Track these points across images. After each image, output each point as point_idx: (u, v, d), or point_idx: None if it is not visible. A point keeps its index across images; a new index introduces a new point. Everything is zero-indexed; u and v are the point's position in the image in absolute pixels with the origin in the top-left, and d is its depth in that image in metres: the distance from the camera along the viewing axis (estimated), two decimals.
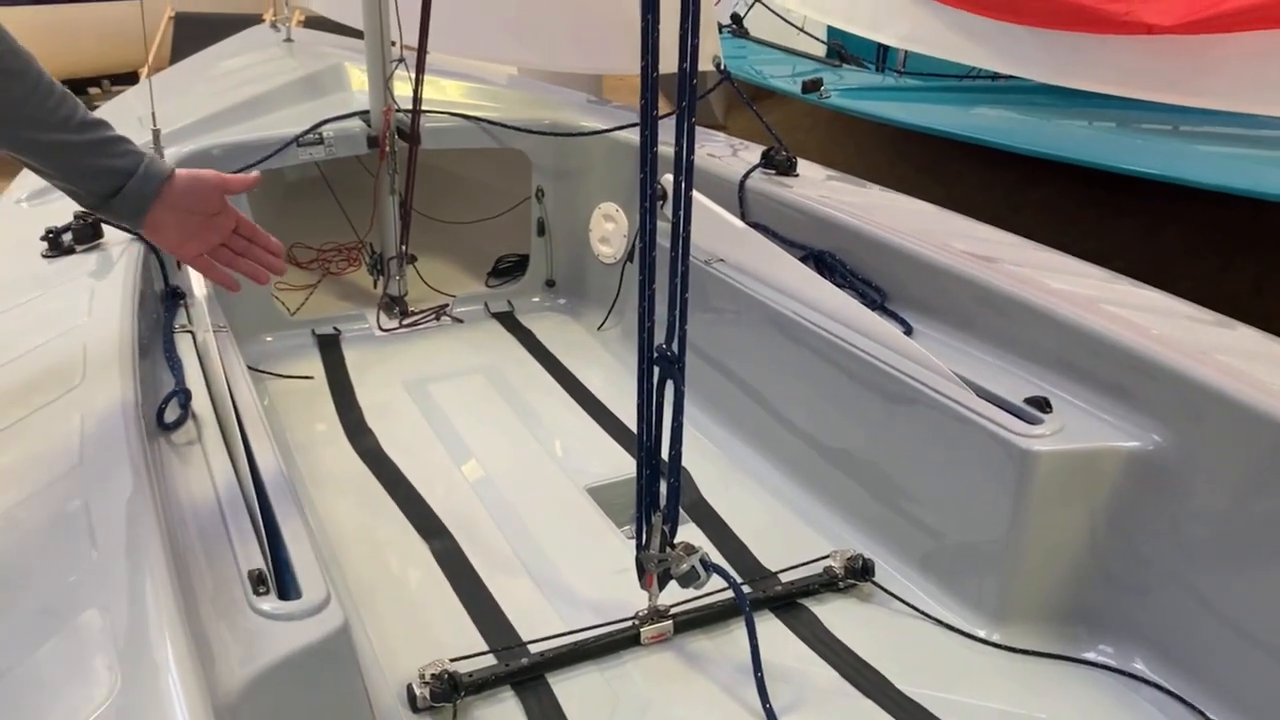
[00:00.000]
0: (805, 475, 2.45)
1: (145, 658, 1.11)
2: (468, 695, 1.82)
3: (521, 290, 3.58)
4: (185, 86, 3.77)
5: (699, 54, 1.72)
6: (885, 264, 2.50)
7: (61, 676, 1.09)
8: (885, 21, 4.06)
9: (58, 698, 1.06)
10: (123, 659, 1.11)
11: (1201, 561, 1.81)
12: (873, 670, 1.92)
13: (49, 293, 2.07)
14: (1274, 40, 2.84)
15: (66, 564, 1.26)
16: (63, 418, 1.59)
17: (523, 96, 3.75)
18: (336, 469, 2.59)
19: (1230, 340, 1.98)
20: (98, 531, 1.32)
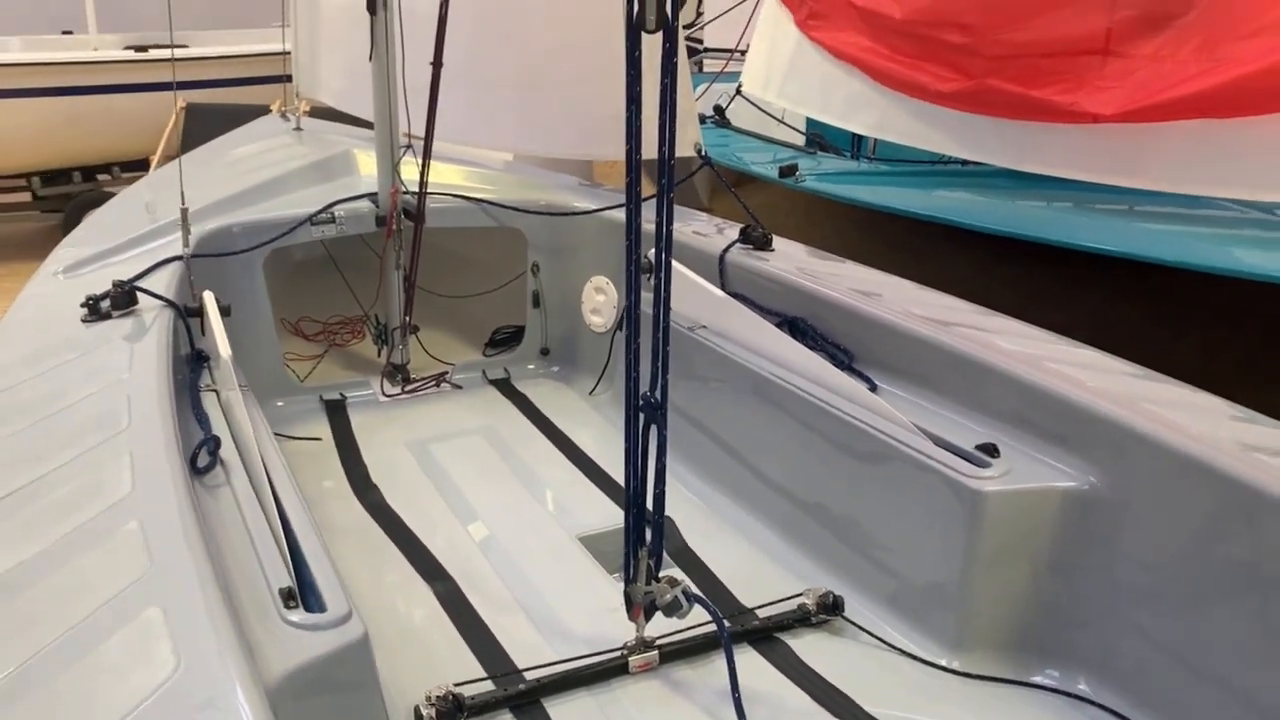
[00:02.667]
0: (780, 521, 2.64)
1: (201, 645, 1.30)
2: (470, 717, 1.99)
3: (518, 358, 3.81)
4: (203, 172, 4.03)
5: (677, 141, 1.97)
6: (852, 328, 2.73)
7: (130, 660, 1.28)
8: (855, 111, 4.36)
9: (128, 676, 1.25)
10: (181, 647, 1.29)
11: (1134, 590, 2.00)
12: (842, 695, 2.10)
13: (92, 352, 2.29)
14: (1201, 128, 3.12)
15: (126, 573, 1.45)
16: (114, 456, 1.79)
17: (518, 180, 4.02)
18: (344, 521, 2.77)
19: (1157, 391, 2.20)
20: (151, 547, 1.51)
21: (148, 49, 7.66)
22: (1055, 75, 3.45)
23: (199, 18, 8.28)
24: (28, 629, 1.34)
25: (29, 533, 1.57)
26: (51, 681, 1.25)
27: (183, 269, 2.84)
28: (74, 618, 1.35)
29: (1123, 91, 3.28)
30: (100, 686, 1.24)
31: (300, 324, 4.04)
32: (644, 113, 1.87)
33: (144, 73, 7.38)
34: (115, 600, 1.38)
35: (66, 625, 1.34)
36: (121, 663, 1.27)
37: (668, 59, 1.83)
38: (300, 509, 1.89)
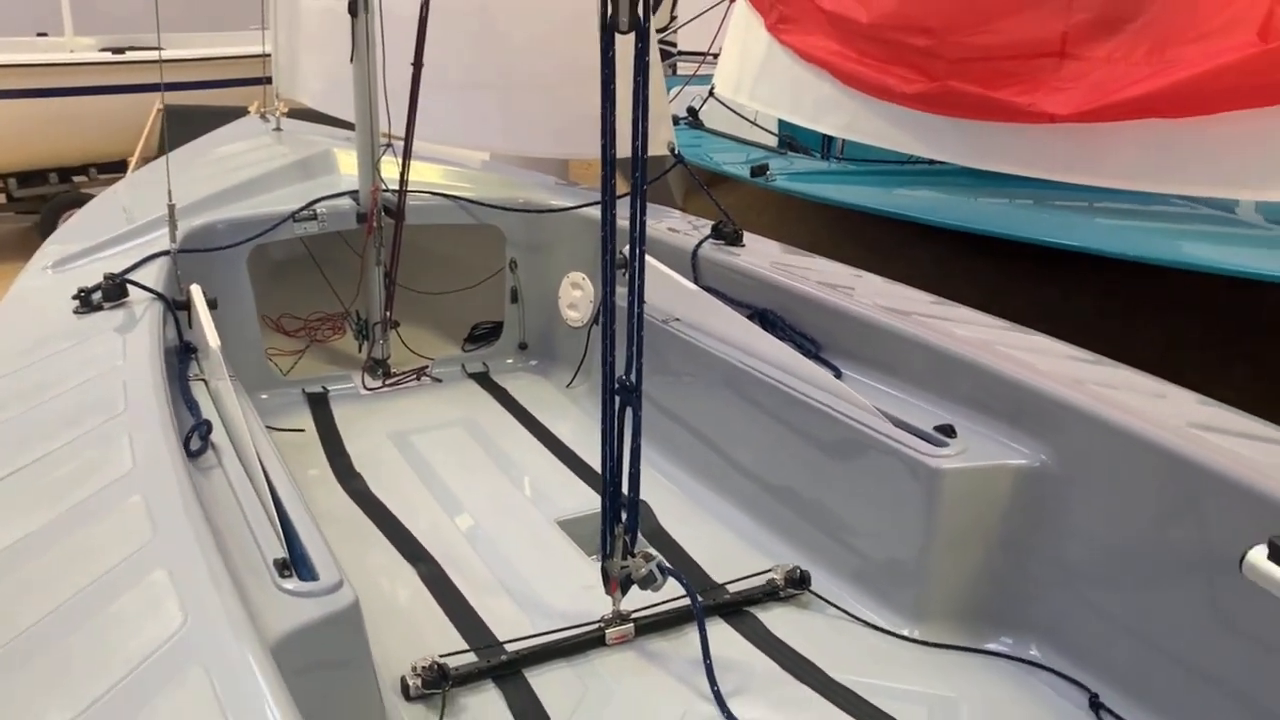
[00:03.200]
0: (751, 503, 2.75)
1: (206, 603, 1.39)
2: (454, 686, 2.08)
3: (496, 353, 3.90)
4: (186, 171, 4.09)
5: (651, 141, 2.08)
6: (819, 319, 2.84)
7: (140, 616, 1.37)
8: (825, 113, 4.48)
9: (141, 629, 1.34)
10: (188, 604, 1.38)
11: (1082, 561, 2.13)
12: (809, 663, 2.21)
13: (85, 341, 2.37)
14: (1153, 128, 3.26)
15: (132, 540, 1.54)
16: (113, 436, 1.87)
17: (496, 178, 4.12)
18: (329, 507, 2.85)
19: (1104, 374, 2.33)
20: (154, 517, 1.60)
21: (124, 50, 7.69)
22: (1014, 77, 3.59)
23: (172, 19, 8.29)
24: (42, 591, 1.43)
25: (36, 506, 1.65)
26: (68, 636, 1.34)
27: (170, 264, 2.92)
28: (85, 580, 1.44)
29: (1078, 92, 3.42)
30: (113, 640, 1.32)
31: (281, 320, 4.11)
32: (617, 111, 1.97)
33: (121, 74, 7.41)
34: (123, 564, 1.47)
35: (78, 586, 1.43)
36: (132, 619, 1.36)
37: (640, 59, 1.94)
38: (290, 487, 1.98)
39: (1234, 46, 3.00)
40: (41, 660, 1.30)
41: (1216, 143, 3.18)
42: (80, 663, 1.29)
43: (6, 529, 1.59)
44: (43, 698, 1.24)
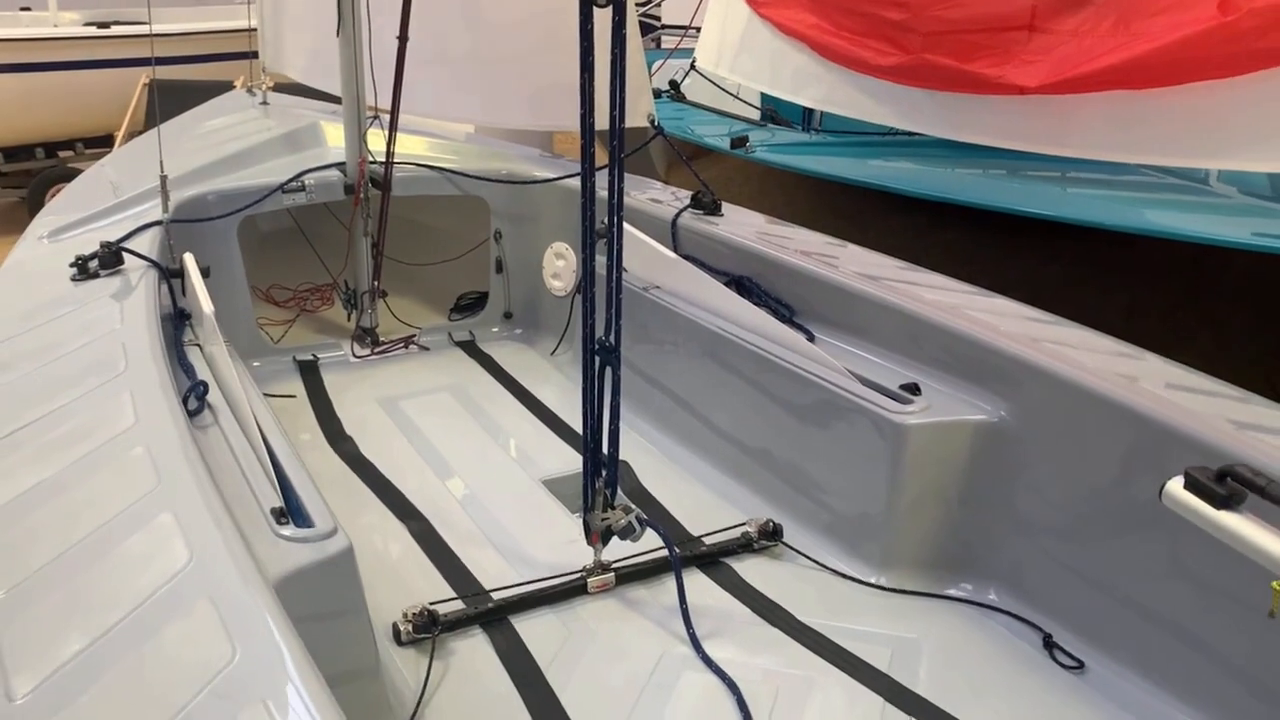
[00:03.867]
0: (727, 461, 2.86)
1: (210, 543, 1.49)
2: (444, 632, 2.19)
3: (482, 322, 3.99)
4: (175, 144, 4.16)
5: (631, 112, 2.15)
6: (793, 285, 2.95)
7: (147, 556, 1.47)
8: (803, 86, 4.57)
9: (148, 567, 1.44)
10: (193, 543, 1.48)
11: (1037, 511, 2.24)
12: (779, 608, 2.33)
13: (84, 307, 2.45)
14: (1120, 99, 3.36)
15: (138, 488, 1.64)
16: (114, 394, 1.96)
17: (481, 150, 4.20)
18: (320, 469, 2.95)
19: (1062, 334, 2.44)
20: (158, 466, 1.70)
21: (109, 25, 7.70)
22: (985, 50, 3.68)
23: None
24: (53, 535, 1.52)
25: (44, 458, 1.75)
26: (79, 574, 1.43)
27: (163, 233, 3.00)
28: (94, 524, 1.54)
29: (1046, 65, 3.52)
30: (123, 576, 1.42)
31: (271, 291, 4.20)
32: (597, 83, 2.06)
33: (106, 49, 7.42)
34: (130, 509, 1.57)
35: (87, 530, 1.53)
36: (140, 558, 1.46)
37: (617, 32, 2.03)
38: (284, 443, 2.08)
39: (1196, 19, 3.10)
40: (55, 596, 1.40)
41: (1179, 113, 3.28)
42: (92, 597, 1.39)
43: (16, 479, 1.68)
44: (58, 629, 1.34)
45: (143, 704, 1.17)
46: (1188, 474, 1.26)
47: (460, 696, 2.03)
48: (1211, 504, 1.22)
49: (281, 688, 1.20)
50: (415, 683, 2.04)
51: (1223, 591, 1.86)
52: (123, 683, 1.21)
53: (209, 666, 1.22)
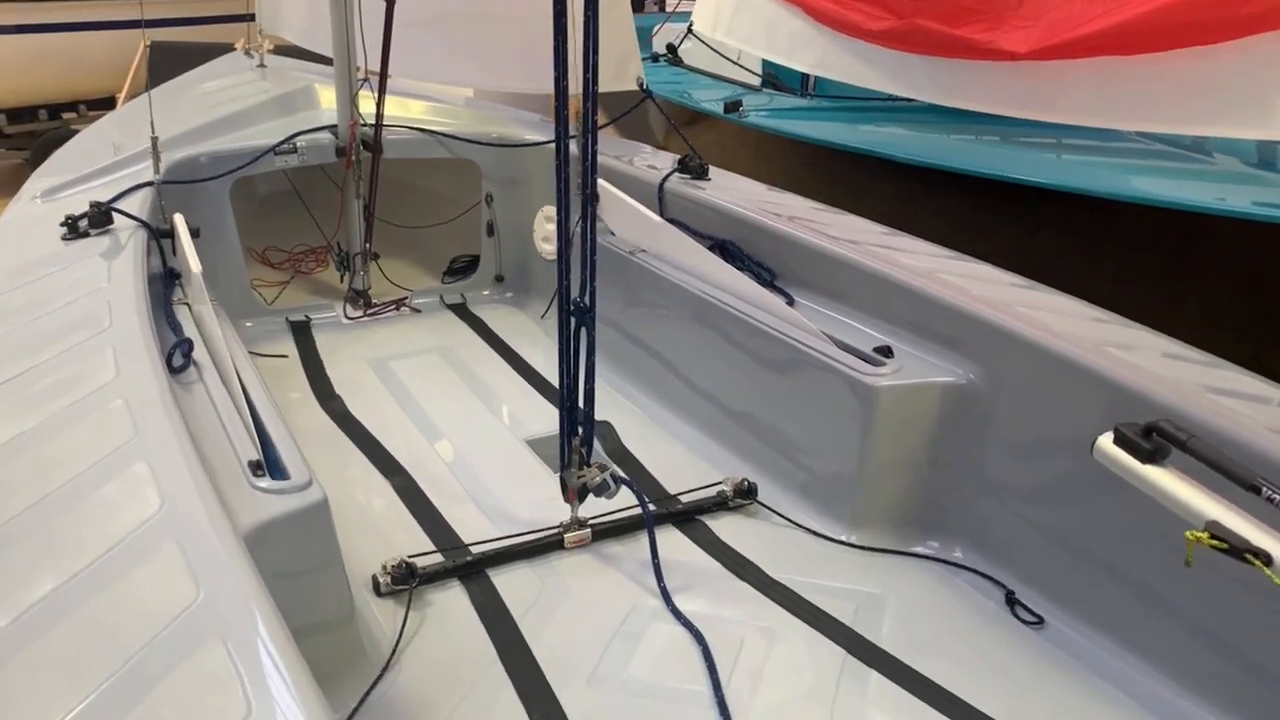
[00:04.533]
0: (707, 422, 2.91)
1: (183, 491, 1.54)
2: (422, 584, 2.25)
3: (473, 285, 4.03)
4: (170, 106, 4.19)
5: (620, 75, 2.15)
6: (775, 249, 2.98)
7: (121, 502, 1.52)
8: (798, 50, 4.57)
9: (120, 513, 1.49)
10: (165, 491, 1.54)
11: (1002, 471, 2.29)
12: (751, 564, 2.38)
13: (72, 265, 2.50)
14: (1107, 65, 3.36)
15: (115, 438, 1.69)
16: (97, 350, 2.01)
17: (474, 114, 4.22)
18: (309, 426, 3.01)
19: (1035, 299, 2.47)
20: (136, 419, 1.75)
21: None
22: (976, 15, 3.68)
23: None
24: (30, 482, 1.58)
25: (25, 410, 1.80)
26: (54, 520, 1.49)
27: (154, 194, 3.04)
28: (71, 472, 1.59)
29: (1036, 30, 3.52)
30: (95, 522, 1.48)
31: (266, 252, 4.24)
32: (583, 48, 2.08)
33: (108, 10, 7.42)
34: (106, 459, 1.62)
35: (64, 478, 1.58)
36: (113, 504, 1.51)
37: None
38: (265, 398, 2.13)
39: None
40: (30, 540, 1.45)
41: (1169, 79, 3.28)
42: (65, 541, 1.44)
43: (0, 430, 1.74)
44: (31, 570, 1.39)
45: (105, 641, 1.23)
46: (1117, 429, 1.30)
47: (434, 646, 2.09)
48: (1138, 458, 1.26)
49: (241, 627, 1.25)
50: (392, 633, 2.10)
51: (1175, 549, 1.90)
52: (89, 621, 1.27)
53: (172, 607, 1.28)
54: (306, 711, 1.14)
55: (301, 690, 1.16)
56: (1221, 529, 1.13)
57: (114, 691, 1.15)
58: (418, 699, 1.93)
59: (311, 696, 1.16)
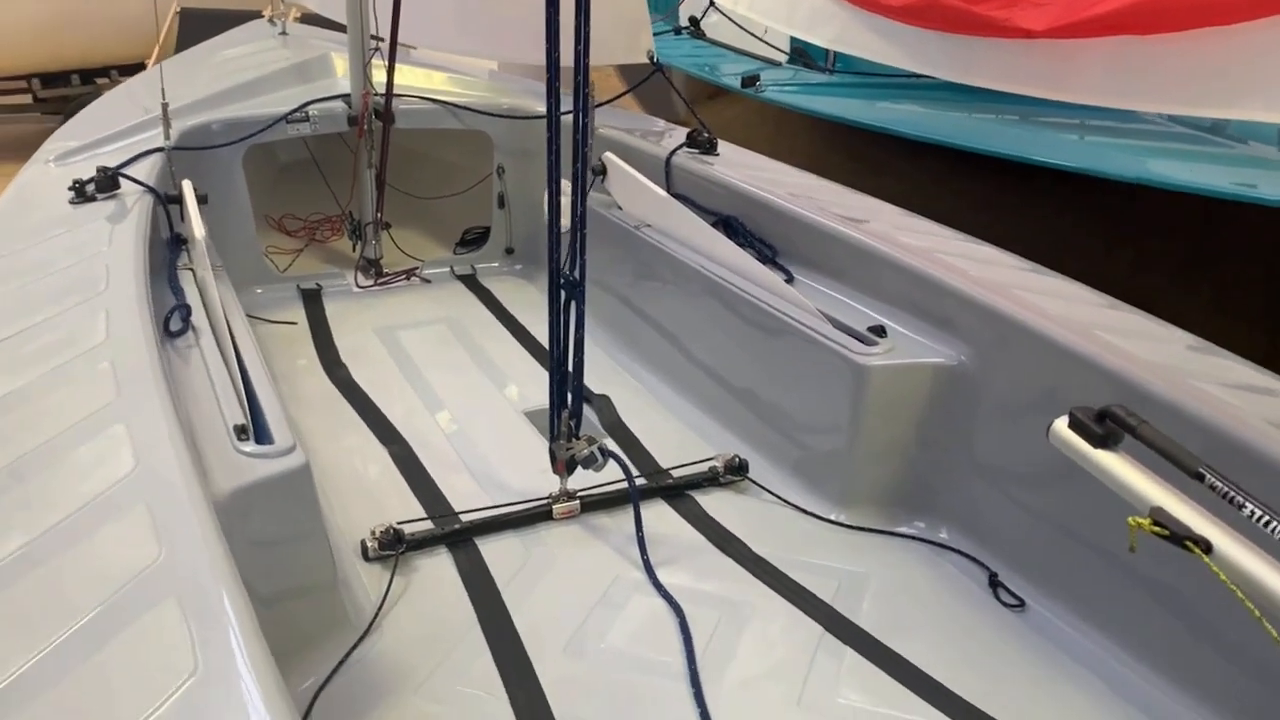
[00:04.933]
0: (705, 398, 2.91)
1: (160, 452, 1.57)
2: (409, 550, 2.29)
3: (483, 256, 4.05)
4: (189, 72, 4.23)
5: (630, 48, 2.11)
6: (778, 226, 2.97)
7: (95, 463, 1.55)
8: (817, 25, 4.53)
9: (93, 473, 1.52)
10: (141, 454, 1.57)
11: (990, 453, 2.28)
12: (737, 540, 2.39)
13: (76, 229, 2.54)
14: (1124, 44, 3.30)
15: (97, 400, 1.72)
16: (90, 313, 2.05)
17: (490, 85, 4.22)
18: (313, 393, 3.05)
19: (1034, 281, 2.45)
20: (120, 382, 1.78)
21: None
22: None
23: None
24: (11, 442, 1.61)
25: (15, 370, 1.84)
26: (28, 480, 1.52)
27: (164, 160, 3.08)
28: (49, 433, 1.63)
29: (1053, 8, 3.46)
30: (68, 482, 1.51)
31: (284, 220, 4.28)
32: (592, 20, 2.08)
33: None
34: (86, 420, 1.66)
35: (44, 438, 1.62)
36: (87, 466, 1.55)
37: None
38: (259, 363, 2.16)
39: None
40: (4, 498, 1.49)
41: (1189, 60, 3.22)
42: (39, 499, 1.48)
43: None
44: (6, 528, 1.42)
45: (63, 598, 1.26)
46: (1071, 413, 1.29)
47: (416, 611, 2.12)
48: (1090, 443, 1.26)
49: (197, 588, 1.28)
50: (377, 597, 2.14)
51: (1149, 537, 1.89)
52: (50, 579, 1.30)
53: (132, 566, 1.31)
54: (255, 672, 1.16)
55: (251, 651, 1.19)
56: (1165, 515, 1.13)
57: (65, 647, 1.18)
58: (395, 662, 1.97)
59: (260, 656, 1.18)
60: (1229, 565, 1.08)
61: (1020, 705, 1.93)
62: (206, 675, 1.14)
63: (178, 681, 1.13)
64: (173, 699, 1.11)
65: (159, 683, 1.13)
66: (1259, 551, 1.08)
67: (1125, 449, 1.24)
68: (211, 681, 1.14)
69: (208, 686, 1.13)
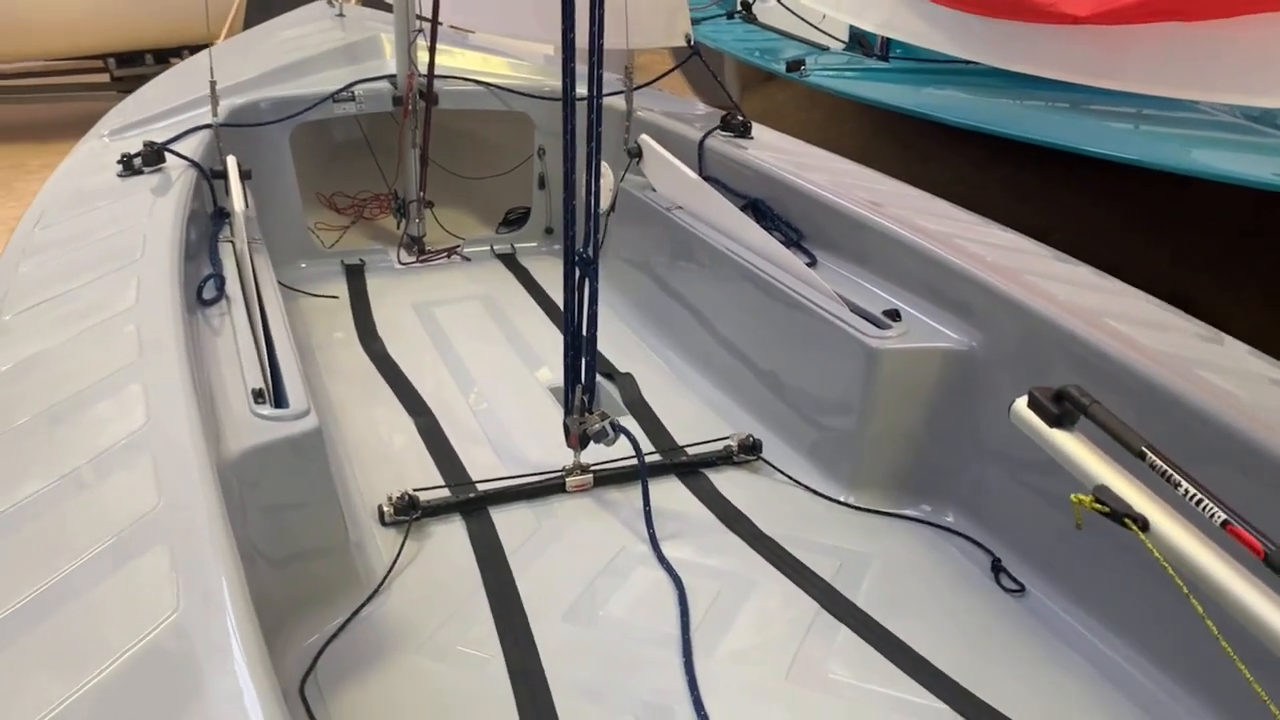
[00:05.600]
0: (725, 378, 2.95)
1: (171, 409, 1.66)
2: (424, 516, 2.36)
3: (523, 236, 4.13)
4: (246, 52, 4.36)
5: (667, 31, 2.12)
6: (803, 209, 2.98)
7: (109, 419, 1.64)
8: (866, 9, 4.50)
9: (107, 428, 1.61)
10: (154, 411, 1.66)
11: (997, 438, 2.28)
12: (744, 518, 2.42)
13: (120, 201, 2.66)
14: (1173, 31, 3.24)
15: (117, 361, 1.82)
16: (123, 280, 2.15)
17: (535, 68, 4.28)
18: (348, 365, 3.14)
19: (1051, 268, 2.44)
20: (143, 343, 1.88)
21: None
22: None
23: None
24: (36, 398, 1.71)
25: (49, 330, 1.95)
26: (47, 433, 1.62)
27: (212, 136, 3.19)
28: (76, 388, 1.73)
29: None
30: (82, 436, 1.60)
31: (334, 197, 4.40)
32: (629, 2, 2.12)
33: None
34: (106, 379, 1.75)
35: (69, 393, 1.71)
36: (102, 421, 1.64)
37: None
38: (284, 330, 2.25)
39: None
40: (27, 446, 1.59)
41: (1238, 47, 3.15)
42: (53, 452, 1.57)
43: (20, 348, 1.88)
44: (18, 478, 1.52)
45: (62, 542, 1.35)
46: (1030, 393, 1.31)
47: (425, 574, 2.19)
48: (1046, 421, 1.27)
49: (186, 535, 1.36)
50: (389, 560, 2.21)
51: None
52: (56, 522, 1.39)
53: (131, 513, 1.39)
54: (233, 614, 1.23)
55: (233, 594, 1.26)
56: (1107, 493, 1.14)
57: (63, 584, 1.27)
58: (400, 622, 2.04)
59: (240, 600, 1.25)
60: (1164, 543, 1.09)
61: (1012, 688, 1.94)
62: (187, 615, 1.22)
63: (159, 619, 1.21)
64: (152, 634, 1.18)
65: (141, 620, 1.20)
66: (1192, 529, 1.09)
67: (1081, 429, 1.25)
68: (191, 621, 1.21)
69: (187, 625, 1.21)
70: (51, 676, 1.14)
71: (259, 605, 1.28)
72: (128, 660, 1.16)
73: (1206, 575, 1.05)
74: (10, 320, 2.01)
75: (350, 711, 1.82)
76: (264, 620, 1.27)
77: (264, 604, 1.39)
